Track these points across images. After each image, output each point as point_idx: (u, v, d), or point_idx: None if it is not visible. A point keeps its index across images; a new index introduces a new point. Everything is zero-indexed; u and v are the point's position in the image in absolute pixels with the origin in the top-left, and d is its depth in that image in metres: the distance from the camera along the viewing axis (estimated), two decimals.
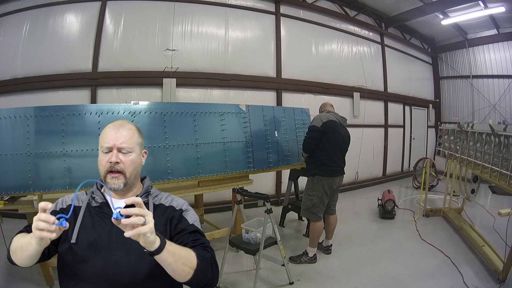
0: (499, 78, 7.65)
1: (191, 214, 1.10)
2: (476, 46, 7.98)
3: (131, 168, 1.04)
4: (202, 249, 0.98)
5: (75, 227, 0.98)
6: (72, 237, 0.97)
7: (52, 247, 0.97)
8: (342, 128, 3.10)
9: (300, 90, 5.63)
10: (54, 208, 1.04)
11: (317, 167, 3.00)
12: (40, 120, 2.33)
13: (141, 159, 1.10)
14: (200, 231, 1.05)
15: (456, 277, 2.73)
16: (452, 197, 4.57)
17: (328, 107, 3.27)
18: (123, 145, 1.02)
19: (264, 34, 5.29)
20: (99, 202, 1.05)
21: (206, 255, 0.96)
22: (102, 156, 1.03)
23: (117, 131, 1.04)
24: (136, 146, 1.07)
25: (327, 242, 3.30)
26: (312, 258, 3.05)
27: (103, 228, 0.99)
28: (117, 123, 1.07)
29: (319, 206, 3.01)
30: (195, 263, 0.90)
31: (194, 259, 0.91)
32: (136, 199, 0.81)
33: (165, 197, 1.13)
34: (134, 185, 1.08)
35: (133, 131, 1.07)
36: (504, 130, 2.83)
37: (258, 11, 5.27)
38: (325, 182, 2.98)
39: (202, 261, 0.93)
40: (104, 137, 1.04)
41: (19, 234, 0.97)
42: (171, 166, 2.75)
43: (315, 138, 2.97)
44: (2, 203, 2.36)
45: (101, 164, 1.03)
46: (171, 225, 1.04)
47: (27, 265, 0.93)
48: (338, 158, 3.06)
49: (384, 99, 7.29)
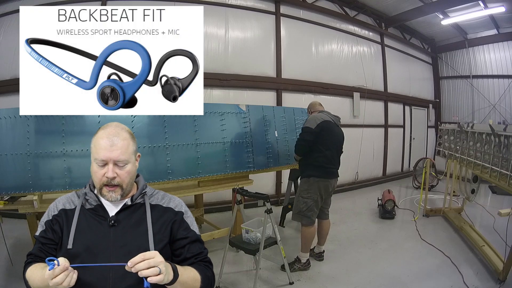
0: (499, 78, 7.65)
1: (190, 217, 1.11)
2: (476, 46, 7.97)
3: (128, 179, 1.02)
4: (204, 266, 1.04)
5: (70, 232, 0.96)
6: (68, 243, 0.95)
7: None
8: (336, 128, 2.97)
9: (300, 90, 5.63)
10: (47, 218, 1.02)
11: (313, 168, 2.86)
12: (40, 120, 2.32)
13: (136, 165, 1.07)
14: (200, 240, 1.09)
15: (456, 277, 2.73)
16: (452, 197, 4.56)
17: (318, 106, 3.11)
18: (118, 158, 0.98)
19: (264, 34, 5.29)
20: (93, 204, 1.03)
21: (208, 273, 1.03)
22: (97, 168, 0.98)
23: (112, 143, 0.97)
24: (132, 155, 1.03)
25: (319, 248, 3.14)
26: (305, 264, 2.91)
27: (100, 231, 0.97)
28: (111, 132, 1.00)
29: (313, 210, 2.86)
30: (198, 286, 0.98)
31: (198, 283, 0.98)
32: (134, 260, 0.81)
33: (161, 197, 1.11)
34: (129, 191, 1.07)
35: (128, 141, 1.02)
36: (504, 130, 2.82)
37: (258, 11, 5.26)
38: (321, 184, 2.85)
39: (204, 282, 0.99)
40: (97, 148, 0.98)
41: (29, 268, 0.95)
42: (171, 166, 2.75)
43: (309, 141, 2.83)
44: (2, 203, 2.35)
45: (95, 176, 0.99)
46: (173, 230, 1.05)
47: None
48: (334, 159, 2.93)
49: (384, 99, 7.29)
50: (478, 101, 8.08)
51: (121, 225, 1.00)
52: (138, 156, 1.11)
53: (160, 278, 0.81)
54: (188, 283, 0.94)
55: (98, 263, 0.93)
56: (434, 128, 8.86)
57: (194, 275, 0.97)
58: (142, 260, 0.80)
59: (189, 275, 0.95)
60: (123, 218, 1.01)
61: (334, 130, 2.93)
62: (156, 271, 0.80)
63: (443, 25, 7.17)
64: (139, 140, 2.55)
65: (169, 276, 0.85)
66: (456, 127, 4.12)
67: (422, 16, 6.77)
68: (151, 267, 0.80)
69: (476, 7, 6.18)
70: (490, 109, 7.78)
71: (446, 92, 8.87)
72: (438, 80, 8.94)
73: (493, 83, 7.78)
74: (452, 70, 8.64)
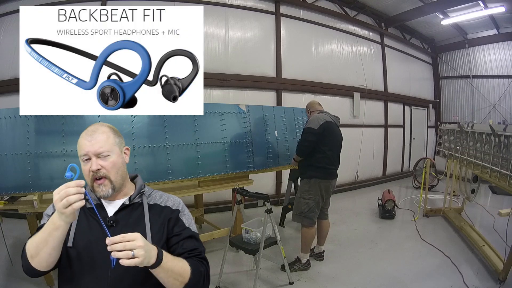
0: (499, 78, 7.65)
1: (187, 215, 1.11)
2: (476, 46, 7.97)
3: (114, 170, 1.02)
4: (198, 261, 1.01)
5: (71, 230, 0.97)
6: (68, 241, 0.95)
7: None
8: (336, 128, 2.97)
9: (300, 90, 5.63)
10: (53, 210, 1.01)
11: (314, 169, 2.85)
12: (40, 120, 2.33)
13: (123, 158, 1.08)
14: (195, 236, 1.07)
15: (456, 277, 2.73)
16: (452, 197, 4.56)
17: (317, 106, 3.10)
18: (99, 149, 1.00)
19: (264, 34, 5.29)
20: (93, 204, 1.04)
21: (201, 268, 0.99)
22: (84, 166, 1.01)
23: (91, 138, 1.01)
24: (114, 146, 1.04)
25: (319, 248, 3.15)
26: (305, 264, 2.92)
27: (99, 231, 0.97)
28: (89, 129, 1.04)
29: (314, 211, 2.85)
30: (187, 278, 0.94)
31: (187, 274, 0.94)
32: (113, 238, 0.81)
33: (159, 196, 1.12)
34: (123, 186, 1.07)
35: (107, 134, 1.04)
36: (504, 130, 2.82)
37: (258, 11, 5.27)
38: (322, 185, 2.85)
39: (195, 275, 0.95)
40: (80, 147, 1.02)
41: (30, 238, 0.95)
42: (171, 166, 2.75)
43: (312, 141, 2.81)
44: (2, 203, 2.36)
45: (85, 175, 1.01)
46: (168, 226, 1.05)
47: (54, 260, 0.92)
48: (335, 159, 2.94)
49: (384, 99, 7.29)
50: (478, 101, 8.08)
51: (119, 225, 1.01)
52: (127, 149, 1.11)
53: (131, 262, 0.79)
54: (174, 271, 0.91)
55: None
56: (434, 128, 8.86)
57: (183, 265, 0.95)
58: (121, 240, 0.80)
59: (177, 264, 0.93)
60: (121, 218, 1.02)
61: (335, 130, 2.94)
62: (127, 255, 0.79)
63: (443, 25, 7.17)
64: (139, 140, 2.60)
65: (150, 260, 0.84)
66: (456, 127, 4.12)
67: (422, 16, 6.77)
68: (126, 249, 0.79)
69: (476, 7, 6.18)
70: (490, 109, 7.78)
71: (446, 92, 8.87)
72: (438, 80, 8.94)
73: (493, 83, 7.78)
74: (452, 70, 8.64)
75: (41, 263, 0.90)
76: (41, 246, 0.88)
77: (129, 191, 1.09)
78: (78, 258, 0.95)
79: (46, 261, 0.90)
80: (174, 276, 0.91)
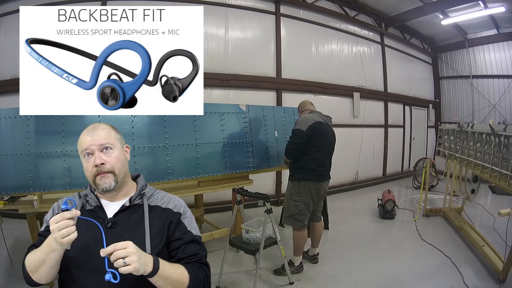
0: (499, 78, 7.65)
1: (189, 218, 1.09)
2: (476, 46, 7.98)
3: (118, 164, 1.03)
4: (198, 266, 0.99)
5: None
6: None
7: None
8: (328, 129, 2.90)
9: (300, 90, 5.62)
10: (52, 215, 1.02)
11: (304, 171, 2.79)
12: (40, 120, 2.33)
13: (125, 154, 1.08)
14: (197, 240, 1.06)
15: (456, 277, 2.73)
16: (452, 197, 4.56)
17: (309, 105, 3.04)
18: (103, 141, 1.01)
19: (264, 34, 5.29)
20: (93, 205, 1.03)
21: (200, 274, 0.98)
22: (86, 163, 1.01)
23: (93, 133, 1.02)
24: (116, 141, 1.05)
25: (313, 251, 3.09)
26: (298, 267, 2.86)
27: (97, 232, 0.96)
28: (90, 127, 1.05)
29: (305, 213, 2.80)
30: (186, 285, 0.94)
31: (186, 281, 0.94)
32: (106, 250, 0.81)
33: (161, 197, 1.10)
34: (124, 183, 1.06)
35: (108, 129, 1.06)
36: (504, 130, 2.82)
37: (258, 11, 5.27)
38: (312, 187, 2.78)
39: (194, 282, 0.95)
40: (81, 143, 1.02)
41: (30, 253, 0.95)
42: (171, 166, 2.75)
43: (300, 143, 2.75)
44: (2, 203, 2.36)
45: (87, 171, 1.01)
46: (169, 230, 1.03)
47: (53, 276, 0.93)
48: (326, 161, 2.86)
49: (384, 99, 7.29)
50: (478, 101, 8.08)
51: (118, 227, 1.00)
52: (127, 147, 1.12)
53: (125, 270, 0.79)
54: (172, 279, 0.91)
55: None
56: (434, 128, 8.86)
57: (181, 272, 0.94)
58: (113, 250, 0.80)
59: (175, 271, 0.92)
60: (121, 220, 1.01)
61: (326, 131, 2.87)
62: (119, 264, 0.79)
63: (443, 25, 7.17)
64: (139, 140, 2.61)
65: (147, 268, 0.84)
66: (456, 127, 4.12)
67: (422, 16, 6.77)
68: (118, 258, 0.79)
69: (476, 7, 6.18)
70: (490, 109, 7.78)
71: (446, 92, 8.87)
72: (438, 80, 8.95)
73: (493, 83, 7.78)
74: (452, 70, 8.64)
75: (41, 278, 0.92)
76: (39, 264, 0.90)
77: (130, 191, 1.08)
78: (76, 261, 0.94)
79: (45, 277, 0.92)
80: (172, 283, 0.91)
